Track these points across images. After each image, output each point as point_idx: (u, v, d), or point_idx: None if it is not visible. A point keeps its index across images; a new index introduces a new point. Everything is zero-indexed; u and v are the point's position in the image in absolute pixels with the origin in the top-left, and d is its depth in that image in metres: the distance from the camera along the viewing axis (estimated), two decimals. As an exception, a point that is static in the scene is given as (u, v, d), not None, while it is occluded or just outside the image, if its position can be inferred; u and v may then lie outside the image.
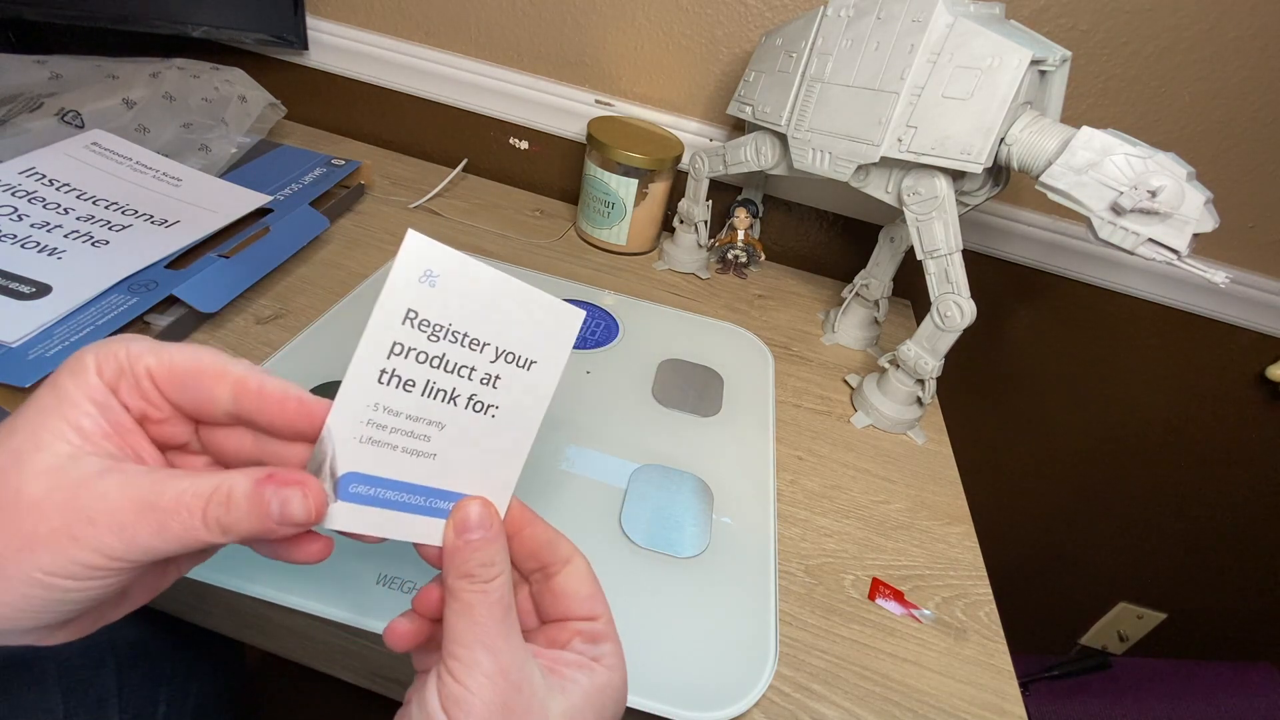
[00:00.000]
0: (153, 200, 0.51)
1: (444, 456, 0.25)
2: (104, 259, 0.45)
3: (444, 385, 0.25)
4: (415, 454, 0.24)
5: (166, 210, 0.51)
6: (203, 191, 0.54)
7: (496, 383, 0.26)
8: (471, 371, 0.25)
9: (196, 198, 0.53)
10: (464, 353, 0.25)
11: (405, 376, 0.23)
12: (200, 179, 0.55)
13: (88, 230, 0.46)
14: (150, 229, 0.48)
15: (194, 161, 0.57)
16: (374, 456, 0.23)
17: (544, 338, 0.27)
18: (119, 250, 0.46)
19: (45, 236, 0.44)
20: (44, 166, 0.49)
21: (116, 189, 0.50)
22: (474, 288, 0.24)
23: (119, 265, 0.45)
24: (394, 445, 0.24)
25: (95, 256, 0.44)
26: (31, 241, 0.44)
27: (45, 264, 0.42)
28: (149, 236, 0.48)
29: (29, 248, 0.43)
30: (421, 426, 0.24)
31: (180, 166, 0.55)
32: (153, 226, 0.49)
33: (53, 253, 0.43)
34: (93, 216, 0.47)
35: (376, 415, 0.23)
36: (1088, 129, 0.39)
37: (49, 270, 0.42)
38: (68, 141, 0.51)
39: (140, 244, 0.47)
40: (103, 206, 0.49)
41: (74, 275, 0.42)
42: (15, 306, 0.39)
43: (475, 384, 0.25)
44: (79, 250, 0.44)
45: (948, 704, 0.36)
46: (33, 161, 0.48)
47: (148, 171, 0.53)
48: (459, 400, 0.25)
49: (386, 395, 0.23)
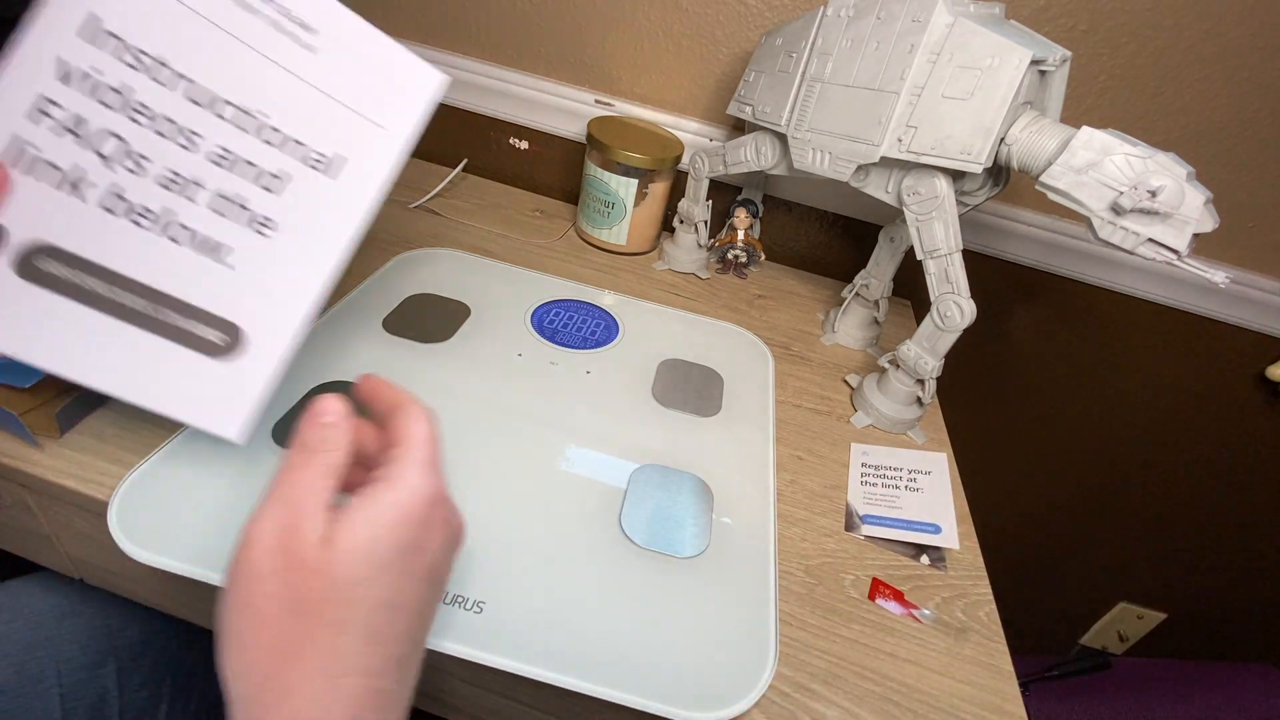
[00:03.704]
0: (295, 94, 0.27)
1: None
2: (280, 260, 0.26)
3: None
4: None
5: (320, 119, 0.28)
6: (350, 58, 0.28)
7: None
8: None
9: (348, 77, 0.28)
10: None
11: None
12: (340, 23, 0.29)
13: (237, 191, 0.26)
14: (316, 179, 0.27)
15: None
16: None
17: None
18: (295, 239, 0.27)
19: (185, 207, 0.25)
20: (119, 21, 0.24)
21: (235, 69, 0.27)
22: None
23: (304, 279, 0.27)
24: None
25: (268, 256, 0.27)
26: (166, 219, 0.25)
27: (212, 273, 0.26)
28: (322, 197, 0.27)
29: (173, 230, 0.25)
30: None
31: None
32: (317, 173, 0.28)
33: (214, 250, 0.26)
34: (227, 153, 0.26)
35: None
36: (1088, 129, 0.39)
37: (221, 286, 0.26)
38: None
39: (319, 220, 0.27)
40: (230, 124, 0.27)
41: (259, 301, 0.27)
42: (210, 368, 0.26)
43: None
44: (247, 242, 0.26)
45: (948, 704, 0.36)
46: (93, 6, 0.24)
47: (259, 12, 0.28)
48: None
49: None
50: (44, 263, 0.22)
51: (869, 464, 0.50)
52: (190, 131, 0.24)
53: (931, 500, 0.47)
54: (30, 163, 0.22)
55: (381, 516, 0.23)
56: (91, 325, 0.23)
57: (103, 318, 0.23)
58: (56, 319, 0.23)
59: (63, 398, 0.37)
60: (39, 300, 0.22)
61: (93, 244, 0.23)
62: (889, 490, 0.48)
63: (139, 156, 0.23)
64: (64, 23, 0.22)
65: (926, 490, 0.48)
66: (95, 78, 0.23)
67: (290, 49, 0.25)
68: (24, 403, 0.36)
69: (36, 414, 0.36)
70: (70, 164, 0.23)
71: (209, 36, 0.24)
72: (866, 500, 0.47)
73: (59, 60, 0.23)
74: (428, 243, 0.63)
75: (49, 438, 0.37)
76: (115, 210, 0.23)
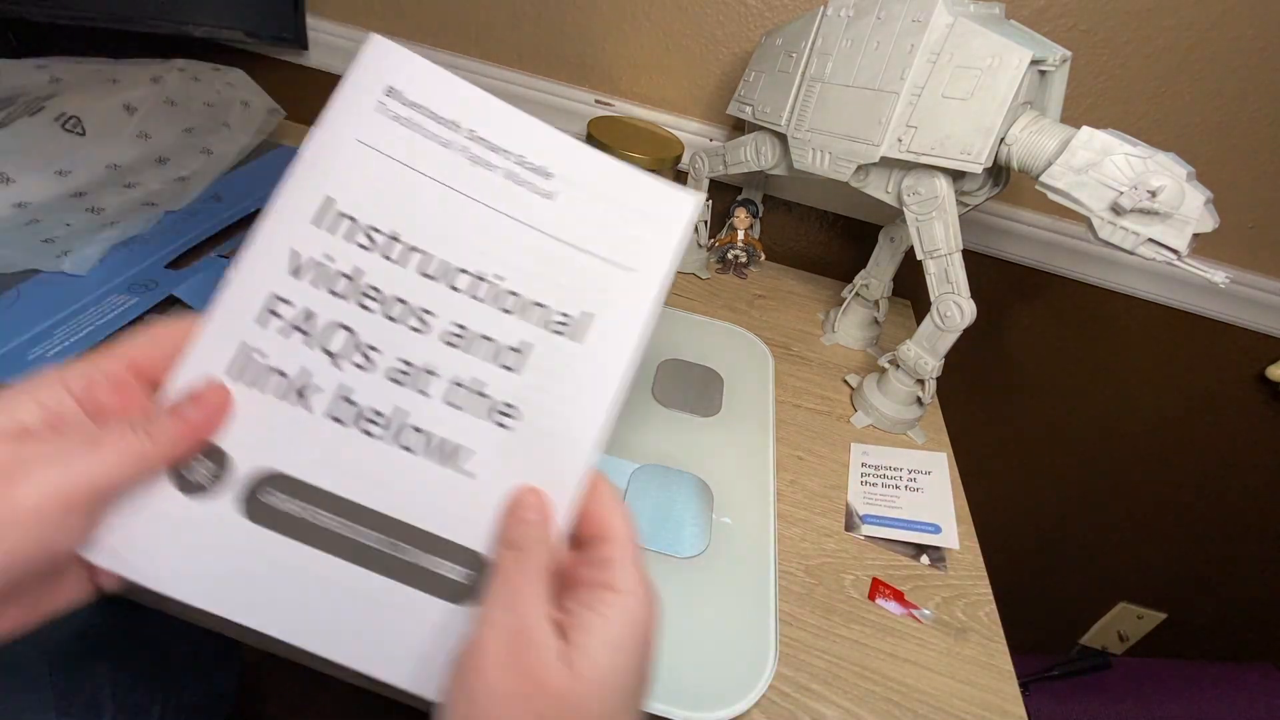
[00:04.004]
0: (533, 249, 0.23)
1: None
2: (525, 456, 0.22)
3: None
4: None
5: (561, 274, 0.23)
6: (589, 197, 0.23)
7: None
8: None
9: (589, 219, 0.23)
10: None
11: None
12: (578, 161, 0.24)
13: (474, 375, 0.22)
14: (561, 346, 0.23)
15: (196, 163, 0.57)
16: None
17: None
18: (541, 427, 0.23)
19: (418, 404, 0.22)
20: (356, 201, 0.22)
21: (469, 231, 0.22)
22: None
23: (553, 480, 0.23)
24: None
25: (512, 453, 0.23)
26: (398, 423, 0.21)
27: (452, 488, 0.22)
28: (569, 368, 0.22)
29: (406, 436, 0.22)
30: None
31: (541, 133, 0.24)
32: (561, 339, 0.23)
33: (452, 457, 0.22)
34: (462, 330, 0.22)
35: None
36: (1087, 129, 0.39)
37: (463, 504, 0.22)
38: (352, 93, 0.22)
39: (567, 398, 0.22)
40: (465, 295, 0.22)
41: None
42: (447, 615, 0.22)
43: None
44: (488, 439, 0.22)
45: (947, 704, 0.36)
46: (330, 189, 0.22)
47: (495, 166, 0.23)
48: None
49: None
50: (272, 497, 0.20)
51: (869, 464, 0.50)
52: (422, 311, 0.21)
53: (931, 500, 0.47)
54: (258, 373, 0.21)
55: (621, 639, 0.21)
56: (319, 572, 0.20)
57: (333, 561, 0.20)
58: (283, 567, 0.20)
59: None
60: (267, 546, 0.20)
61: (324, 466, 0.20)
62: (889, 490, 0.48)
63: (368, 348, 0.21)
64: (300, 211, 0.21)
65: (926, 490, 0.48)
66: (326, 265, 0.21)
67: (527, 200, 0.22)
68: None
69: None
70: (298, 368, 0.21)
71: (443, 201, 0.22)
72: (866, 500, 0.47)
73: (293, 253, 0.21)
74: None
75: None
76: (344, 419, 0.21)
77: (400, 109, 0.22)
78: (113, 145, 0.53)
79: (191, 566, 0.20)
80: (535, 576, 0.21)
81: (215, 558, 0.20)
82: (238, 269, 0.21)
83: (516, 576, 0.21)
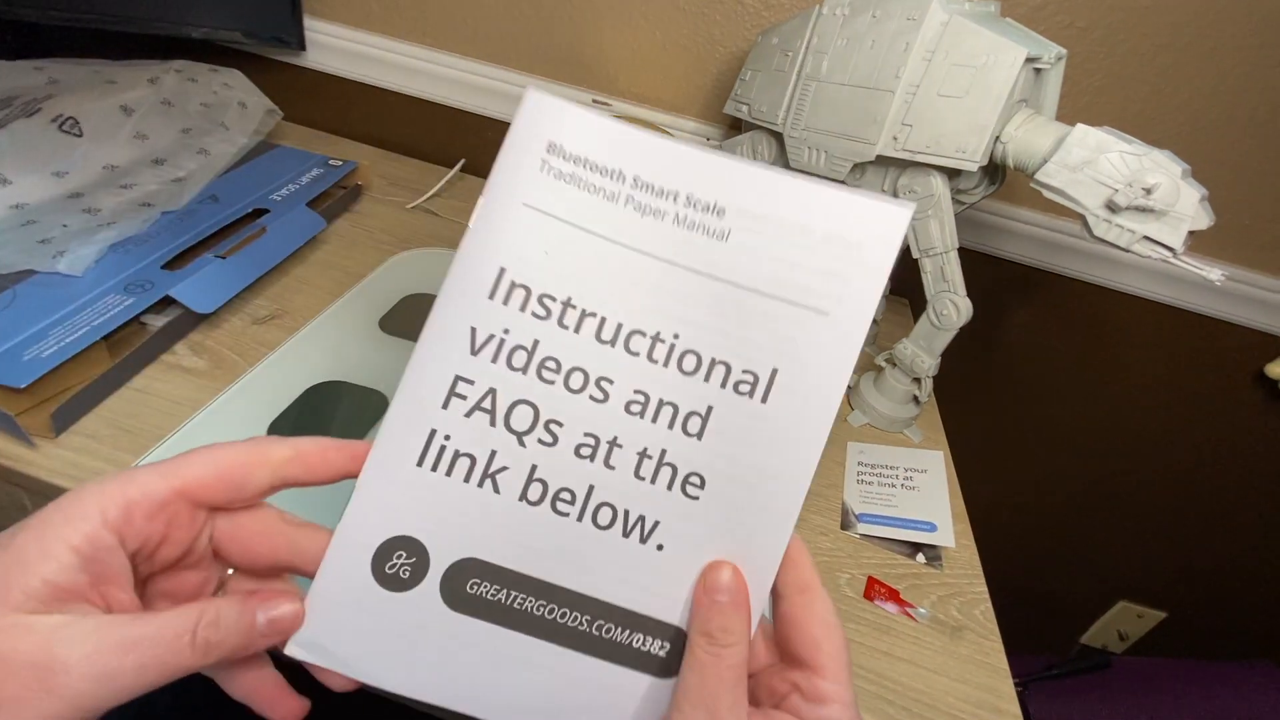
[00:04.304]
0: (709, 300, 0.21)
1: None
2: (714, 529, 0.22)
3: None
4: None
5: (741, 325, 0.21)
6: (771, 230, 0.21)
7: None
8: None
9: (771, 256, 0.21)
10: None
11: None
12: (753, 188, 0.21)
13: (659, 444, 0.21)
14: (744, 408, 0.21)
15: (193, 164, 0.57)
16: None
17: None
18: (727, 498, 0.22)
19: (605, 478, 0.21)
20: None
21: (642, 289, 0.21)
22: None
23: (747, 555, 0.22)
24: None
25: (701, 525, 0.22)
26: (587, 500, 0.21)
27: (645, 562, 0.21)
28: (753, 431, 0.21)
29: (597, 513, 0.21)
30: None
31: (708, 164, 0.21)
32: (743, 399, 0.21)
33: (641, 530, 0.21)
34: (642, 396, 0.21)
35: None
36: (1083, 126, 0.39)
37: (656, 578, 0.22)
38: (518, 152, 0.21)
39: (753, 466, 0.21)
40: (643, 358, 0.21)
41: (692, 590, 0.22)
42: (647, 690, 0.21)
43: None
44: (676, 510, 0.21)
45: (943, 702, 0.36)
46: (503, 260, 0.21)
47: (664, 214, 0.21)
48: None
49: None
50: (471, 584, 0.19)
51: (865, 462, 0.50)
52: (601, 379, 0.20)
53: (928, 499, 0.47)
54: (449, 459, 0.20)
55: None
56: (523, 654, 0.20)
57: (536, 643, 0.20)
58: (487, 652, 0.20)
59: (59, 398, 0.37)
60: (470, 633, 0.20)
61: (519, 548, 0.20)
62: (885, 489, 0.48)
63: (551, 424, 0.20)
64: (476, 286, 0.20)
65: (923, 489, 0.48)
66: (504, 340, 0.20)
67: (700, 244, 0.20)
68: (19, 403, 0.36)
69: (32, 414, 0.36)
70: (485, 451, 0.20)
71: (614, 259, 0.20)
72: (862, 499, 0.47)
73: (472, 330, 0.20)
74: (425, 242, 0.63)
75: (44, 438, 0.37)
76: (534, 499, 0.20)
77: (563, 165, 0.20)
78: (109, 146, 0.53)
79: (398, 657, 0.20)
80: (731, 676, 0.20)
81: (421, 647, 0.20)
82: (419, 353, 0.20)
83: (710, 673, 0.20)
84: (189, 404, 0.41)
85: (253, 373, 0.44)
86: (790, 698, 0.21)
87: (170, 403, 0.41)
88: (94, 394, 0.39)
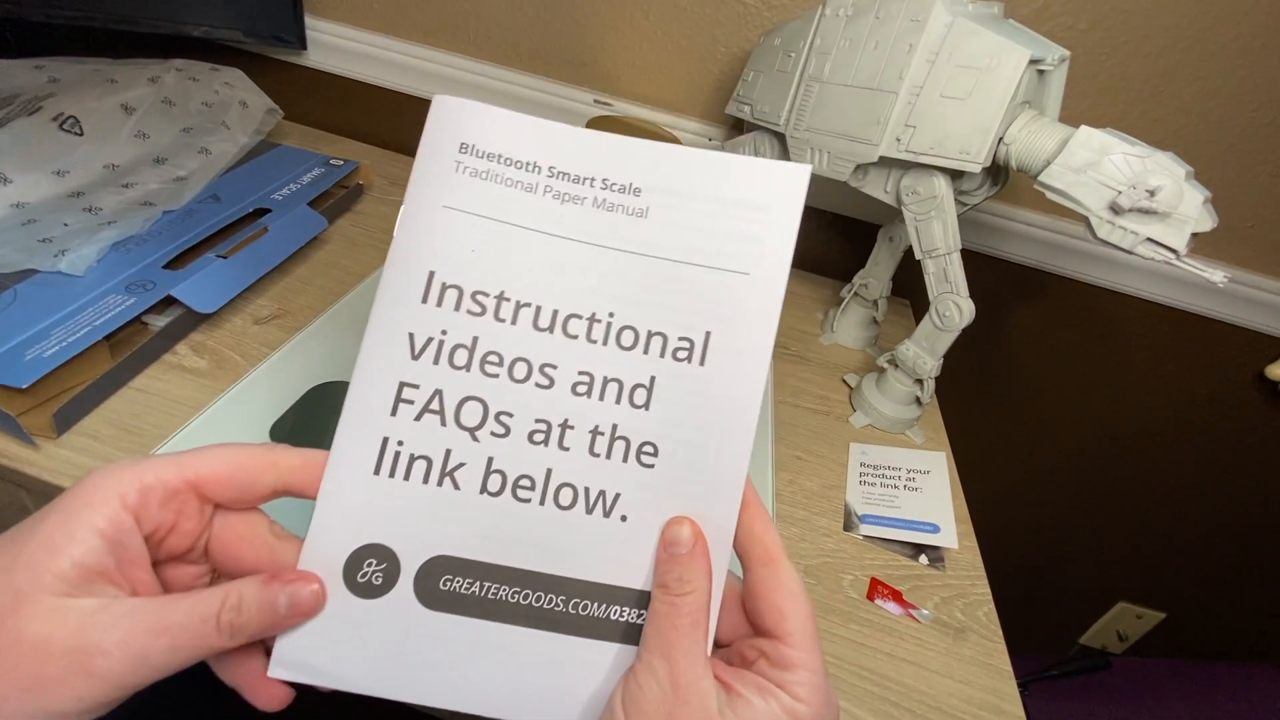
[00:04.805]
0: (638, 276, 0.22)
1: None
2: (670, 493, 0.22)
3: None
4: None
5: (671, 295, 0.22)
6: (686, 201, 0.22)
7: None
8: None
9: (689, 226, 0.22)
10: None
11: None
12: (666, 166, 0.22)
13: (609, 420, 0.22)
14: (684, 374, 0.22)
15: (194, 163, 0.57)
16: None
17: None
18: (680, 461, 0.22)
19: (561, 460, 0.22)
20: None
21: (570, 273, 0.22)
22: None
23: (705, 510, 0.23)
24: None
25: (658, 491, 0.23)
26: (547, 483, 0.22)
27: (611, 535, 0.22)
28: (696, 394, 0.22)
29: (558, 495, 0.22)
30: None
31: (619, 147, 0.22)
32: (682, 365, 0.22)
33: (603, 504, 0.22)
34: (587, 377, 0.22)
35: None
36: (1086, 128, 0.39)
37: (622, 548, 0.22)
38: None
39: (700, 426, 0.22)
40: (583, 340, 0.22)
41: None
42: (625, 657, 0.22)
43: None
44: (634, 480, 0.22)
45: (946, 704, 0.36)
46: (431, 263, 0.22)
47: (581, 200, 0.22)
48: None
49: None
50: (444, 581, 0.20)
51: (868, 464, 0.50)
52: (544, 365, 0.21)
53: (930, 500, 0.47)
54: (404, 464, 0.20)
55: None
56: (504, 643, 0.20)
57: (515, 630, 0.20)
58: (468, 645, 0.20)
59: (60, 398, 0.37)
60: (449, 629, 0.20)
61: (486, 541, 0.20)
62: (887, 490, 0.48)
63: (502, 415, 0.21)
64: (407, 292, 0.21)
65: (925, 490, 0.48)
66: (443, 341, 0.21)
67: (621, 224, 0.21)
68: (21, 403, 0.36)
69: (34, 414, 0.36)
70: (440, 450, 0.21)
71: (540, 247, 0.21)
72: (865, 500, 0.47)
73: (410, 336, 0.20)
74: (426, 243, 0.62)
75: (46, 438, 0.37)
76: (494, 490, 0.21)
77: (478, 163, 0.21)
78: (110, 145, 0.53)
79: (384, 663, 0.21)
80: (688, 622, 0.21)
81: (405, 650, 0.20)
82: (361, 364, 0.20)
83: (665, 620, 0.21)
84: (190, 404, 0.41)
85: (254, 373, 0.44)
86: (758, 662, 0.22)
87: (172, 403, 0.41)
88: (95, 394, 0.39)
